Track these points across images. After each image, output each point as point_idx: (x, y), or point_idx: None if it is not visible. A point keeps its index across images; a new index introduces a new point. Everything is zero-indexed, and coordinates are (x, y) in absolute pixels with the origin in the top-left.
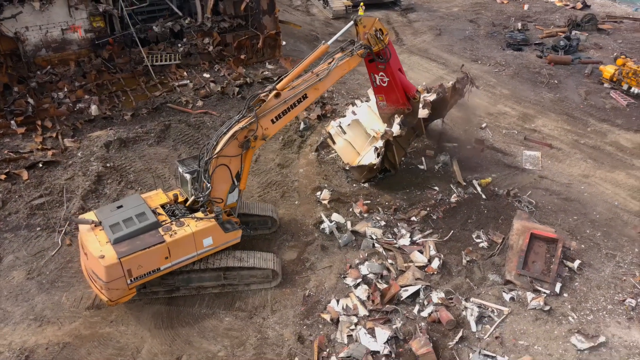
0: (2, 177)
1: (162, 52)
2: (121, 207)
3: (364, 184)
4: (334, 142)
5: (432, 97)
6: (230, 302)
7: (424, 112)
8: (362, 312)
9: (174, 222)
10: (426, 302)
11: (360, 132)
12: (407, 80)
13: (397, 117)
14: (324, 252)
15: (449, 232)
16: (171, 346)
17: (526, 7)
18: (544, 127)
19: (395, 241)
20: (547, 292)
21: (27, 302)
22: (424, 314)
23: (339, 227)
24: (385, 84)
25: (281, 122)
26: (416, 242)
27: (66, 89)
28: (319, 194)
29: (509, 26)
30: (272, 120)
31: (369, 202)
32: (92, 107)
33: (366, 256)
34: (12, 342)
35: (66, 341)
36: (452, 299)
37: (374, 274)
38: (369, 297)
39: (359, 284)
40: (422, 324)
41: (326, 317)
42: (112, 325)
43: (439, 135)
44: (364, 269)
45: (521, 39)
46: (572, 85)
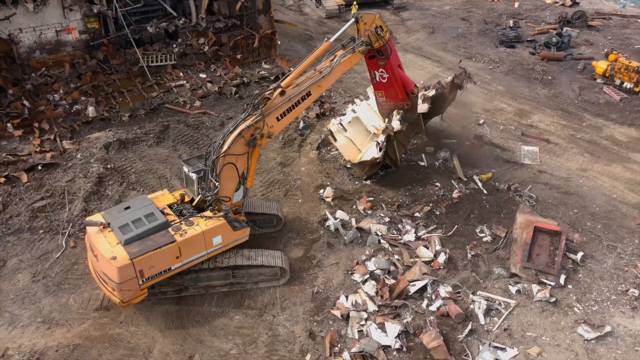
0: (2, 180)
1: (157, 53)
2: (129, 208)
3: (366, 181)
4: (335, 140)
5: (431, 93)
6: (239, 300)
7: (423, 107)
8: (372, 307)
9: (183, 222)
10: (434, 297)
11: (360, 130)
12: (406, 75)
13: (397, 113)
14: (330, 249)
15: (453, 227)
16: (183, 345)
17: (517, 4)
18: (540, 123)
19: (400, 237)
20: (552, 284)
21: (34, 304)
22: (433, 308)
23: (344, 224)
24: (385, 80)
25: (286, 119)
26: (421, 237)
27: (62, 91)
28: (322, 191)
29: (500, 24)
30: (277, 118)
31: (372, 199)
32: (89, 109)
33: (372, 252)
34: (22, 345)
35: (76, 343)
36: (459, 292)
37: (381, 269)
38: (378, 293)
39: (366, 280)
40: (432, 317)
41: (336, 313)
42: (122, 326)
43: (437, 132)
44: (371, 265)
45: (513, 36)
46: (566, 81)
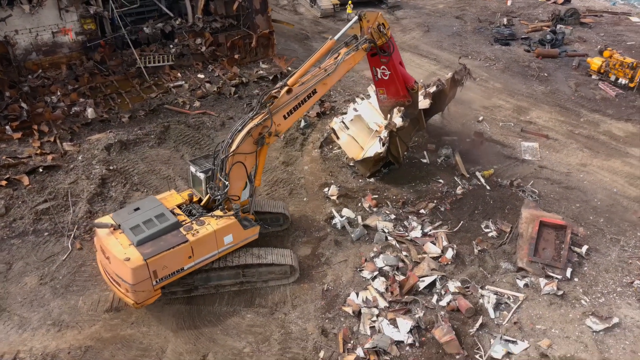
0: (3, 183)
1: (154, 54)
2: (138, 209)
3: (369, 179)
4: (338, 138)
5: (432, 89)
6: (249, 299)
7: (425, 103)
8: (382, 303)
9: (194, 222)
10: (443, 292)
11: (362, 127)
12: (406, 72)
13: (398, 110)
14: (338, 246)
15: (458, 223)
16: (196, 345)
17: (509, 2)
18: (538, 119)
19: (407, 233)
20: (559, 277)
21: (43, 307)
22: (443, 303)
23: (350, 222)
24: (386, 77)
25: (292, 117)
26: (427, 233)
27: (59, 93)
28: (326, 190)
29: (494, 22)
30: (284, 116)
31: (377, 196)
32: (89, 110)
33: (380, 249)
34: (33, 348)
35: (88, 345)
36: (468, 287)
37: (389, 266)
38: (387, 289)
39: (375, 277)
40: (442, 312)
41: (348, 310)
42: (134, 326)
43: (438, 129)
44: (380, 262)
45: (508, 34)
46: (562, 77)
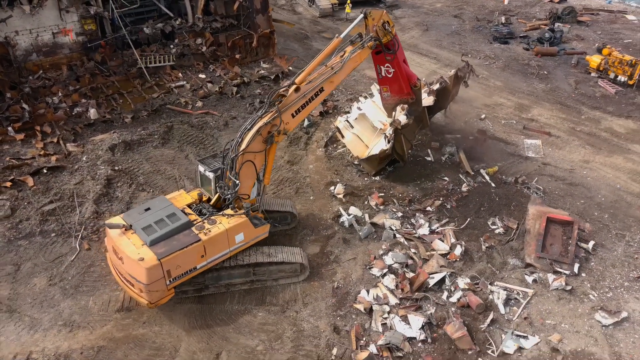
0: (8, 184)
1: (155, 54)
2: (149, 209)
3: (375, 177)
4: (343, 136)
5: (435, 87)
6: (260, 297)
7: (429, 100)
8: (393, 300)
9: (205, 221)
10: (453, 288)
11: (367, 126)
12: (410, 70)
13: (401, 108)
14: (346, 244)
15: (465, 220)
16: (209, 343)
17: (506, 1)
18: (540, 117)
19: (414, 231)
20: (567, 272)
21: (53, 308)
22: (453, 300)
23: (357, 220)
24: (390, 75)
25: (300, 115)
26: (435, 231)
27: (60, 94)
28: (332, 188)
29: (493, 20)
30: (293, 114)
31: (383, 194)
32: (91, 111)
33: (389, 247)
34: (45, 348)
35: (100, 345)
36: (477, 283)
37: (399, 263)
38: (398, 286)
39: (385, 274)
40: (453, 309)
41: (359, 307)
42: (145, 326)
43: (441, 127)
44: (389, 259)
45: (507, 32)
46: (561, 75)
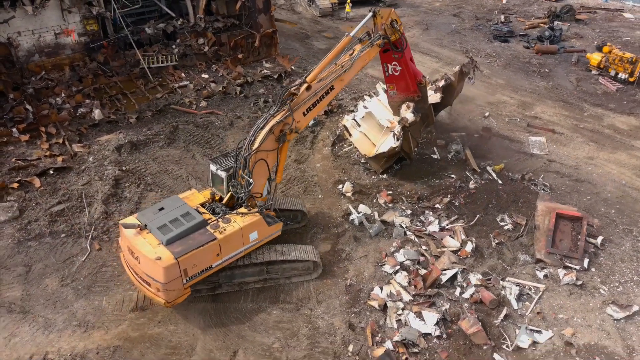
0: (15, 185)
1: (157, 54)
2: (163, 209)
3: (382, 176)
4: (350, 135)
5: (441, 83)
6: (274, 295)
7: (436, 97)
8: (406, 297)
9: (220, 220)
10: (465, 284)
11: (373, 124)
12: (416, 68)
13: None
14: (357, 242)
15: (474, 217)
16: (225, 341)
17: (505, 0)
18: (543, 114)
19: (424, 228)
20: (577, 267)
21: (67, 308)
22: (466, 296)
23: (367, 218)
24: (397, 73)
25: (311, 114)
26: (445, 228)
27: (63, 94)
28: (340, 187)
29: (492, 19)
30: (304, 112)
31: (391, 192)
32: (95, 112)
33: (400, 244)
34: (61, 349)
35: (116, 344)
36: (489, 279)
37: (410, 260)
38: (410, 283)
39: (397, 271)
40: (466, 304)
41: (373, 304)
42: (161, 325)
43: (445, 125)
44: (400, 256)
45: (507, 30)
46: (562, 73)
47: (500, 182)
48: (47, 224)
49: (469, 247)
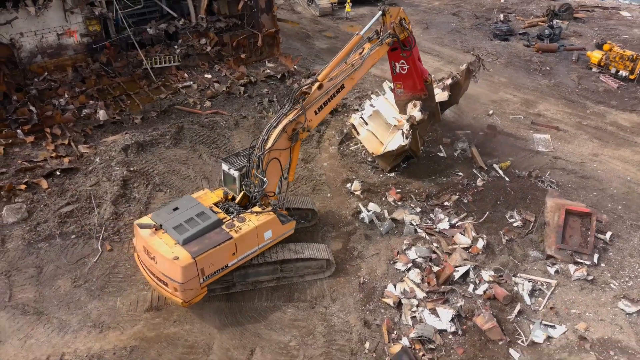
0: (22, 187)
1: (159, 55)
2: (177, 209)
3: (389, 174)
4: (358, 133)
5: (448, 82)
6: (288, 294)
7: (444, 95)
8: (420, 294)
9: (235, 219)
10: (478, 281)
11: (381, 123)
12: (422, 65)
13: (413, 105)
14: (368, 240)
15: (483, 214)
16: (241, 340)
17: None
18: (546, 112)
19: (435, 226)
20: (587, 263)
21: (81, 309)
22: (479, 292)
23: (377, 216)
24: (404, 72)
25: (322, 112)
26: (455, 225)
27: (67, 95)
28: (349, 185)
29: (491, 18)
30: (315, 111)
31: (400, 190)
32: (100, 112)
33: (412, 241)
34: (77, 350)
35: (133, 345)
36: (502, 276)
37: (422, 257)
38: (423, 280)
39: (410, 268)
40: (480, 301)
41: (388, 302)
42: (176, 325)
43: (450, 123)
44: (412, 254)
45: (506, 29)
46: (564, 71)
47: (507, 179)
48: (57, 225)
49: (480, 244)
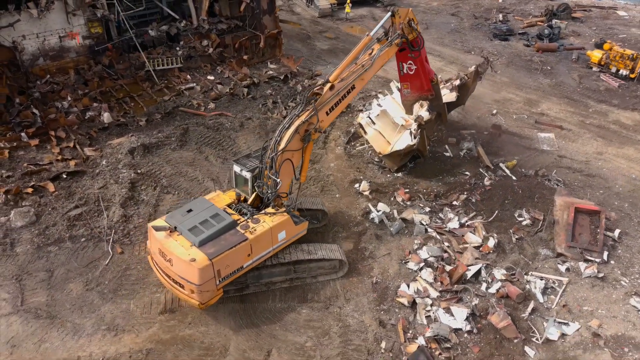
0: (29, 190)
1: (162, 56)
2: (191, 210)
3: (397, 174)
4: (366, 133)
5: (456, 82)
6: (301, 295)
7: (452, 96)
8: (433, 293)
9: (249, 220)
10: (490, 280)
11: (388, 122)
12: (429, 67)
13: (420, 105)
14: (379, 240)
15: (491, 213)
16: (257, 341)
17: None
18: (549, 111)
19: (444, 225)
20: (597, 260)
21: (94, 313)
22: (492, 290)
23: (387, 216)
24: (412, 72)
25: (334, 113)
26: (465, 224)
27: (70, 98)
28: (357, 185)
29: (490, 18)
30: (327, 112)
31: (408, 190)
32: (105, 115)
33: (423, 241)
34: (92, 353)
35: (149, 347)
36: (514, 274)
37: (434, 257)
38: (436, 279)
39: (422, 268)
40: (493, 299)
41: (402, 301)
42: (191, 327)
43: (455, 123)
44: (424, 253)
45: (506, 29)
46: (564, 70)
47: (514, 178)
48: (66, 229)
49: (491, 242)
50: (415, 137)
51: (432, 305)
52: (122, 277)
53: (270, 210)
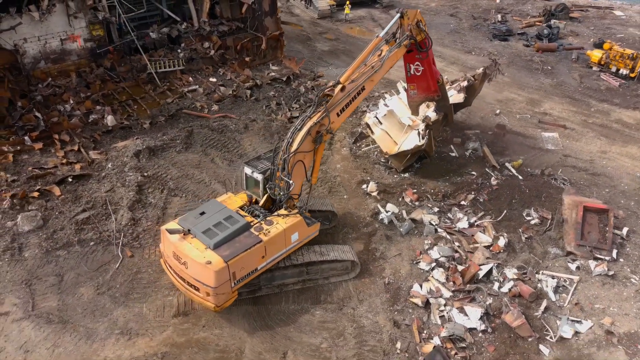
0: (35, 194)
1: (163, 59)
2: (204, 213)
3: (404, 174)
4: (372, 132)
5: (464, 84)
6: (314, 296)
7: (459, 97)
8: (446, 293)
9: (263, 222)
10: (502, 279)
11: (394, 122)
12: (436, 68)
13: (427, 106)
14: (389, 241)
15: (500, 212)
16: (273, 343)
17: (498, 0)
18: (552, 110)
19: (454, 225)
20: (607, 258)
21: (106, 317)
22: (504, 290)
23: (396, 216)
24: (419, 73)
25: (344, 114)
26: (474, 224)
27: (72, 101)
28: (364, 186)
29: (489, 18)
30: (337, 113)
31: (416, 190)
32: (108, 118)
33: (433, 241)
34: (107, 358)
35: (163, 351)
36: (525, 273)
37: (445, 257)
38: (448, 279)
39: (433, 268)
40: (505, 298)
41: (416, 301)
42: (205, 329)
43: (459, 123)
44: (435, 253)
45: (505, 29)
46: (565, 70)
47: (520, 177)
48: (74, 233)
49: (502, 242)
50: (423, 138)
51: (445, 305)
52: (134, 281)
53: (282, 211)
